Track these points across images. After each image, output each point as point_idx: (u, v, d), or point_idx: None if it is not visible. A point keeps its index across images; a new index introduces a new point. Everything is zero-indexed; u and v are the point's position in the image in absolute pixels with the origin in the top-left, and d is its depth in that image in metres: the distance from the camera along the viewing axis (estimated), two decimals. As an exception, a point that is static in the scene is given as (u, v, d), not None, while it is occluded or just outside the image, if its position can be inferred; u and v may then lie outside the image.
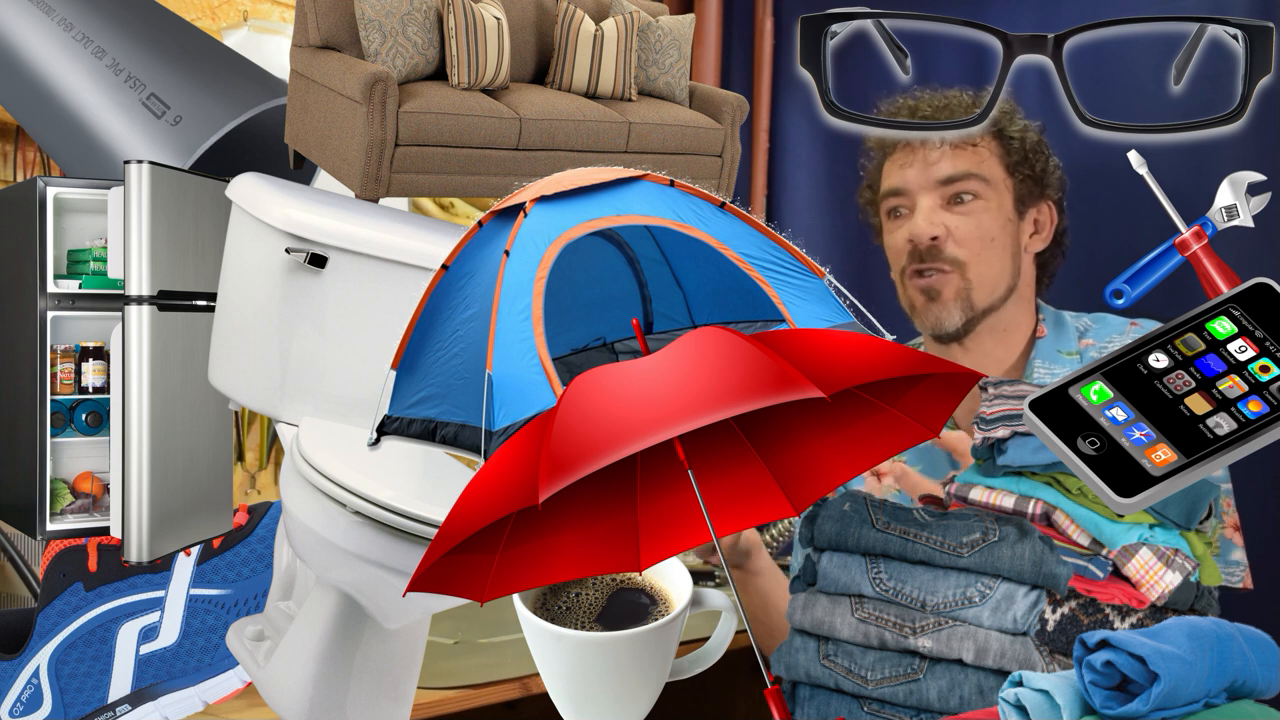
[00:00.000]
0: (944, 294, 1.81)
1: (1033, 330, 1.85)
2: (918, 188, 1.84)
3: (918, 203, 1.84)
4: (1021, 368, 1.82)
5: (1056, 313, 1.86)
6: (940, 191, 1.83)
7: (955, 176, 1.82)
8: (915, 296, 1.84)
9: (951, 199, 1.82)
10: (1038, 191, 1.85)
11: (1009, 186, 1.83)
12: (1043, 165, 1.84)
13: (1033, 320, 1.86)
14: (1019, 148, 1.83)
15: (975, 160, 1.82)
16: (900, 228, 1.86)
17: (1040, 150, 1.84)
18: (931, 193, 1.83)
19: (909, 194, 1.85)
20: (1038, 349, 1.82)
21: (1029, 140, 1.83)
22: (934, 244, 1.81)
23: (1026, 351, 1.84)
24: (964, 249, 1.81)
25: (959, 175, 1.82)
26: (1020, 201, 1.84)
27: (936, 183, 1.83)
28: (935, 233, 1.81)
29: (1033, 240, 1.86)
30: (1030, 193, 1.84)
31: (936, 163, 1.83)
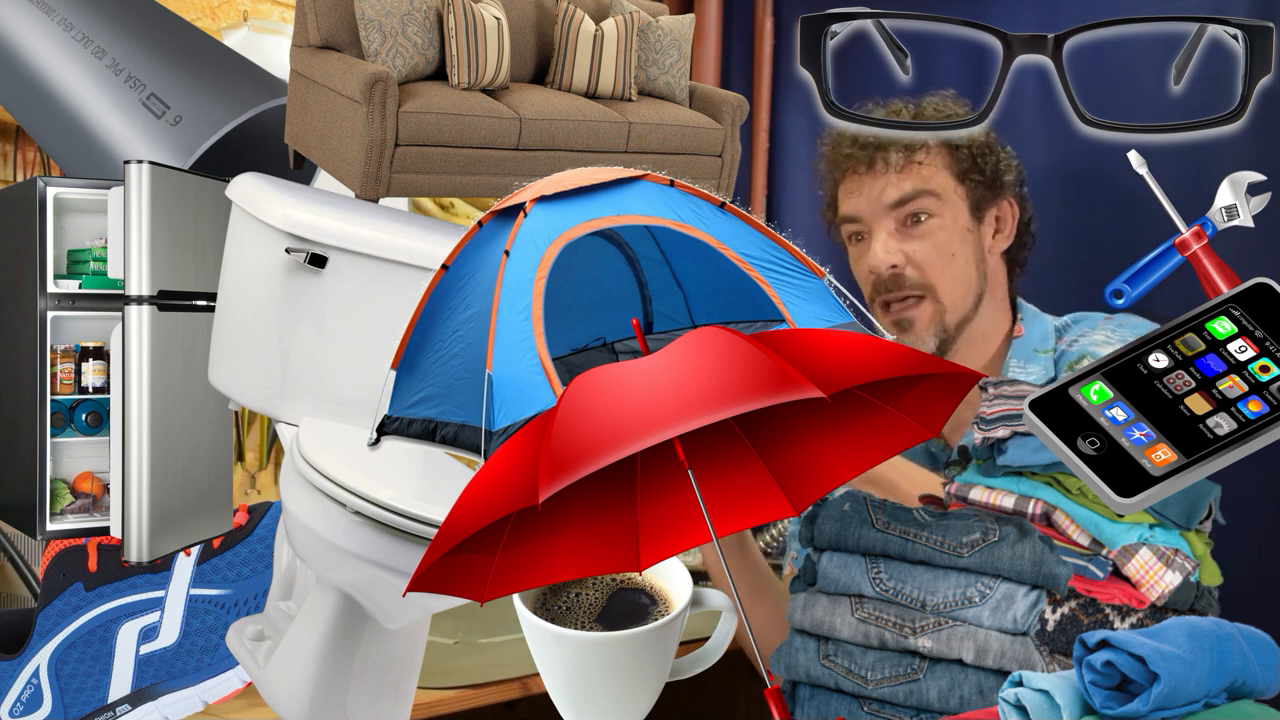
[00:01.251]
0: (916, 325, 1.81)
1: (1009, 329, 1.84)
2: (870, 215, 1.83)
3: (873, 230, 1.83)
4: (997, 368, 1.82)
5: (1035, 311, 1.85)
6: (894, 215, 1.81)
7: (905, 198, 1.81)
8: (889, 328, 1.83)
9: (907, 220, 1.81)
10: (993, 192, 1.83)
11: (962, 195, 1.82)
12: (993, 165, 1.82)
13: (1009, 319, 1.85)
14: (966, 154, 1.81)
15: (923, 177, 1.81)
16: (861, 255, 1.85)
17: (989, 150, 1.82)
18: (886, 218, 1.82)
19: (863, 220, 1.84)
20: (1014, 348, 1.82)
21: (976, 143, 1.81)
22: (894, 273, 1.80)
23: (1003, 350, 1.83)
24: (926, 271, 1.80)
25: (909, 196, 1.80)
26: (976, 207, 1.83)
27: (888, 208, 1.81)
28: (893, 261, 1.80)
29: (996, 240, 1.85)
30: (985, 196, 1.83)
31: (884, 189, 1.81)
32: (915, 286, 1.80)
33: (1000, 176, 1.83)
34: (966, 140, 1.81)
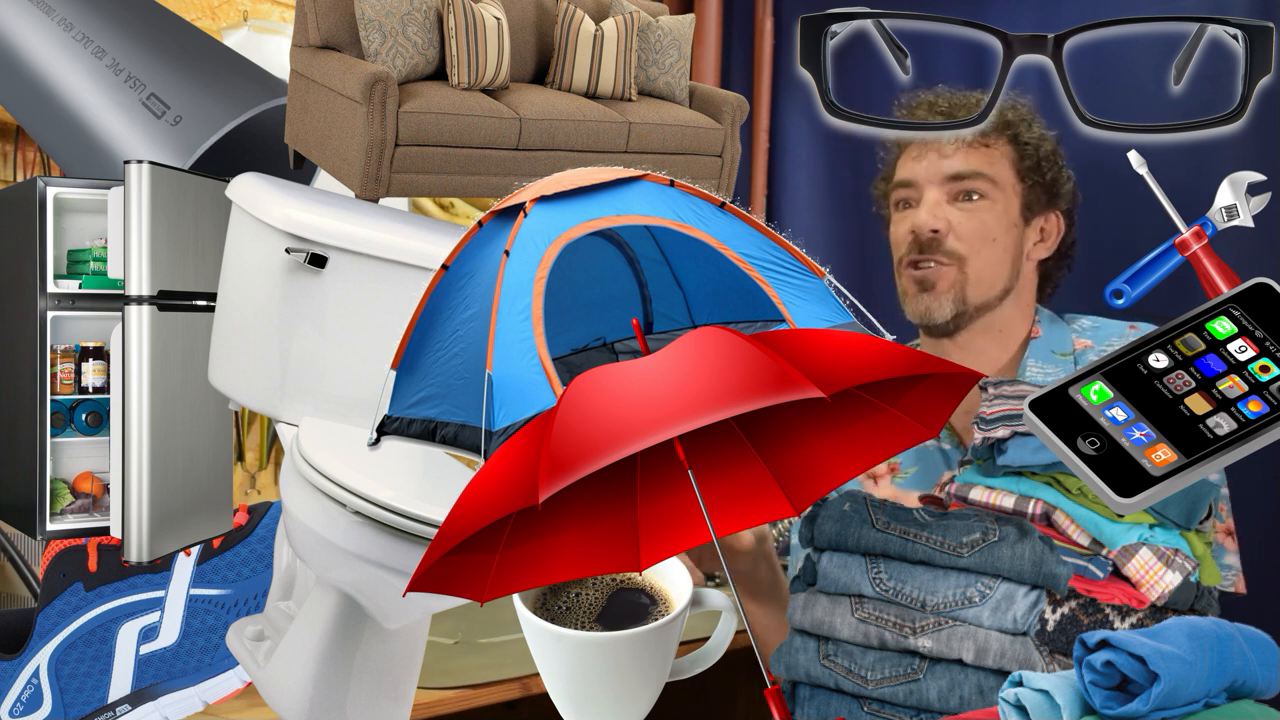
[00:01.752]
0: (938, 286, 1.82)
1: (1028, 332, 1.85)
2: (926, 181, 1.84)
3: (925, 195, 1.84)
4: (1015, 367, 1.82)
5: (1052, 314, 1.86)
6: (948, 187, 1.83)
7: (964, 174, 1.82)
8: (909, 285, 1.84)
9: (959, 195, 1.83)
10: (1046, 200, 1.85)
11: (1017, 191, 1.84)
12: (1054, 174, 1.84)
13: (1029, 324, 1.86)
14: (1032, 154, 1.83)
15: (987, 160, 1.83)
16: (906, 219, 1.87)
17: (1054, 160, 1.84)
18: (939, 187, 1.83)
19: (918, 186, 1.85)
20: (1031, 349, 1.82)
21: (1044, 149, 1.83)
22: (935, 236, 1.81)
23: (1021, 352, 1.84)
24: (964, 244, 1.81)
25: (968, 173, 1.82)
26: (1028, 208, 1.84)
27: (945, 178, 1.83)
28: (937, 225, 1.81)
29: (1037, 248, 1.86)
30: (1038, 200, 1.84)
31: (949, 157, 1.83)
32: (950, 254, 1.82)
33: (1058, 187, 1.85)
34: (1035, 142, 1.82)
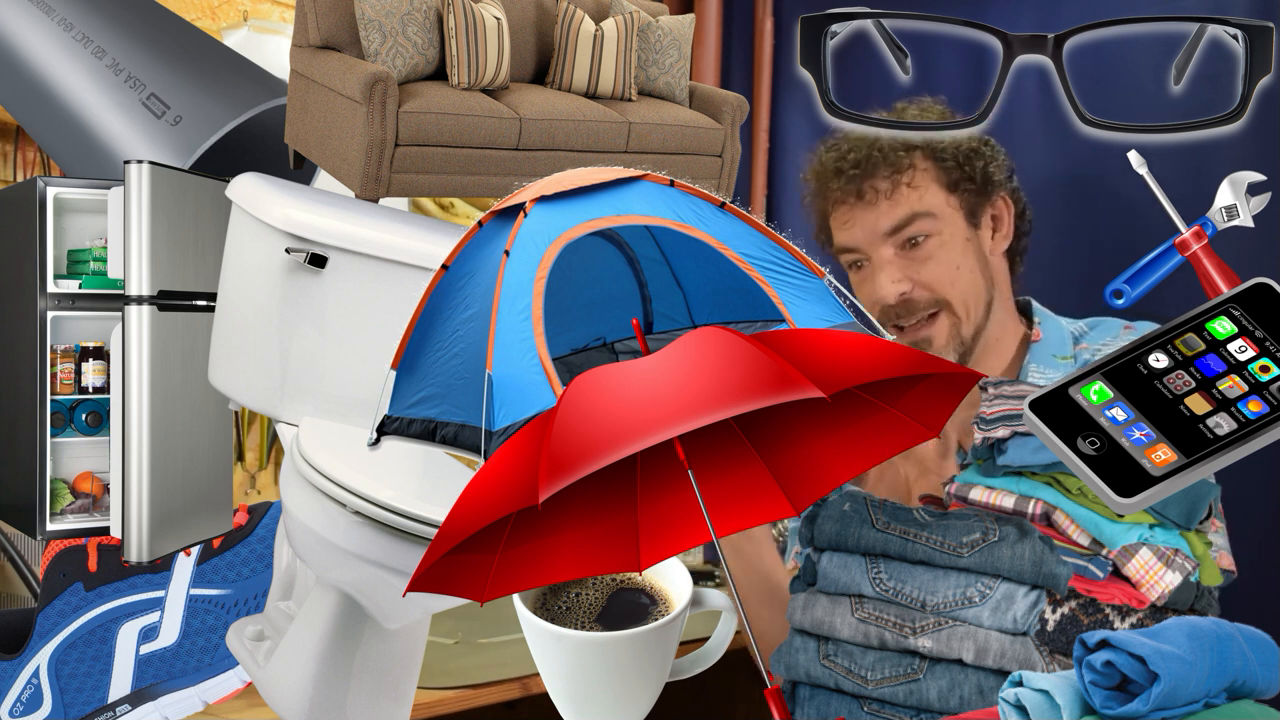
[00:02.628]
0: (935, 343, 1.79)
1: (1021, 332, 1.84)
2: (868, 245, 1.80)
3: (873, 258, 1.80)
4: (1015, 371, 1.82)
5: (1053, 317, 1.85)
6: (892, 241, 1.79)
7: (901, 224, 1.78)
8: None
9: (906, 244, 1.78)
10: (985, 194, 1.81)
11: (956, 205, 1.80)
12: (982, 169, 1.80)
13: (1017, 321, 1.84)
14: (953, 164, 1.79)
15: (915, 199, 1.78)
16: (865, 280, 1.82)
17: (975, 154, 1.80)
18: (884, 245, 1.79)
19: (861, 251, 1.82)
20: (1032, 352, 1.81)
21: (962, 150, 1.79)
22: (904, 299, 1.79)
23: (1020, 355, 1.83)
24: (936, 289, 1.78)
25: (904, 221, 1.78)
26: (971, 214, 1.81)
27: (885, 235, 1.79)
28: (902, 289, 1.79)
29: (996, 240, 1.83)
30: (978, 201, 1.80)
31: (878, 219, 1.79)
32: (927, 306, 1.79)
33: (990, 178, 1.81)
34: (951, 150, 1.79)
